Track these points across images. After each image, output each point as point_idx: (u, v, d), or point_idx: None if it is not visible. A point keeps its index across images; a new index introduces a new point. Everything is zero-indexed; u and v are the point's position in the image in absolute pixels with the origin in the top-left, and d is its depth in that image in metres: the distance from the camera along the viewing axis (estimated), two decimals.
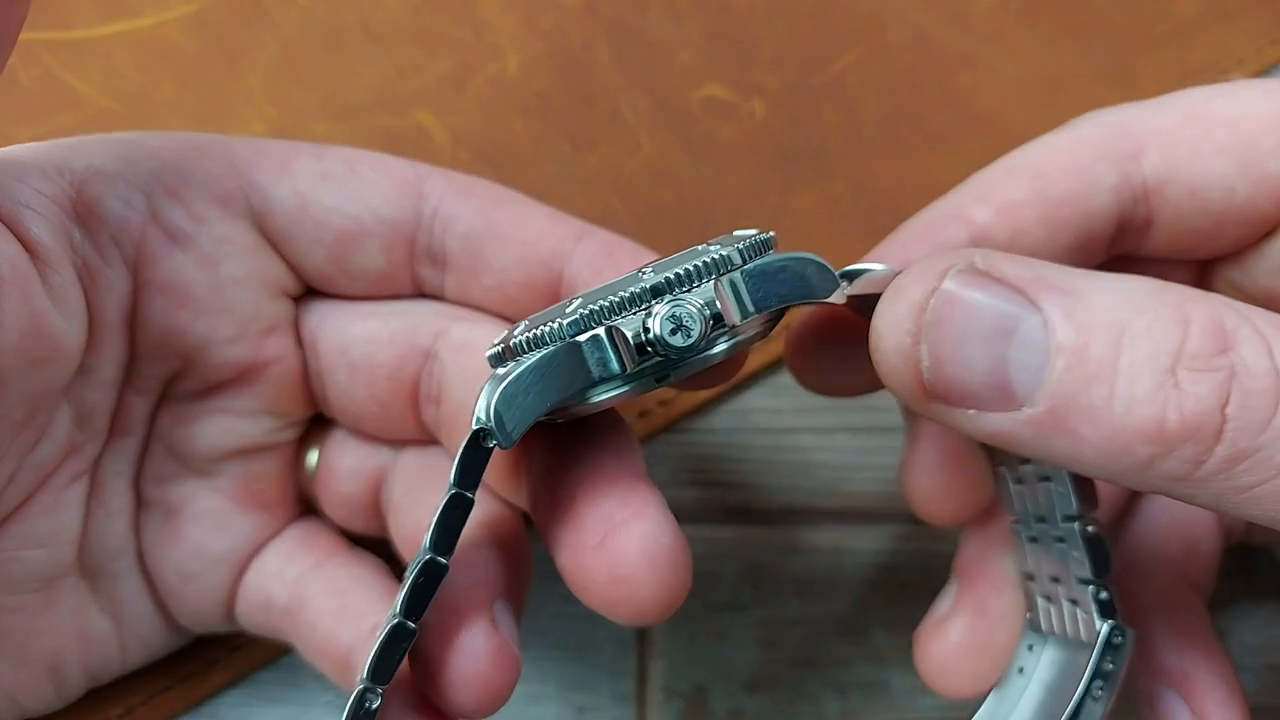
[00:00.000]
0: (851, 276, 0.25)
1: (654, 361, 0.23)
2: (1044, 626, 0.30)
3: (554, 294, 0.30)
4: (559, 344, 0.22)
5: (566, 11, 0.40)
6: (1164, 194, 0.28)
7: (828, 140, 0.39)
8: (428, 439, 0.32)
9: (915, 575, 0.37)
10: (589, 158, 0.39)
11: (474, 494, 0.24)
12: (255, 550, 0.32)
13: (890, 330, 0.23)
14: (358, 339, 0.31)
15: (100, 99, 0.38)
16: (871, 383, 0.30)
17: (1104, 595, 0.28)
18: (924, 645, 0.31)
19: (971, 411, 0.23)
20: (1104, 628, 0.27)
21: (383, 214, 0.30)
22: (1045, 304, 0.22)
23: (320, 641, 0.31)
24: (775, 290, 0.23)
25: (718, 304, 0.23)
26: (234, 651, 0.35)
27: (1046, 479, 0.29)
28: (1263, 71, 0.40)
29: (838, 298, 0.24)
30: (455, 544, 0.24)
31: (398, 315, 0.31)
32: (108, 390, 0.29)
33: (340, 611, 0.30)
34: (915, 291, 0.23)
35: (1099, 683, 0.27)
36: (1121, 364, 0.21)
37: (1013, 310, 0.22)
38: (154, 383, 0.30)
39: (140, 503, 0.31)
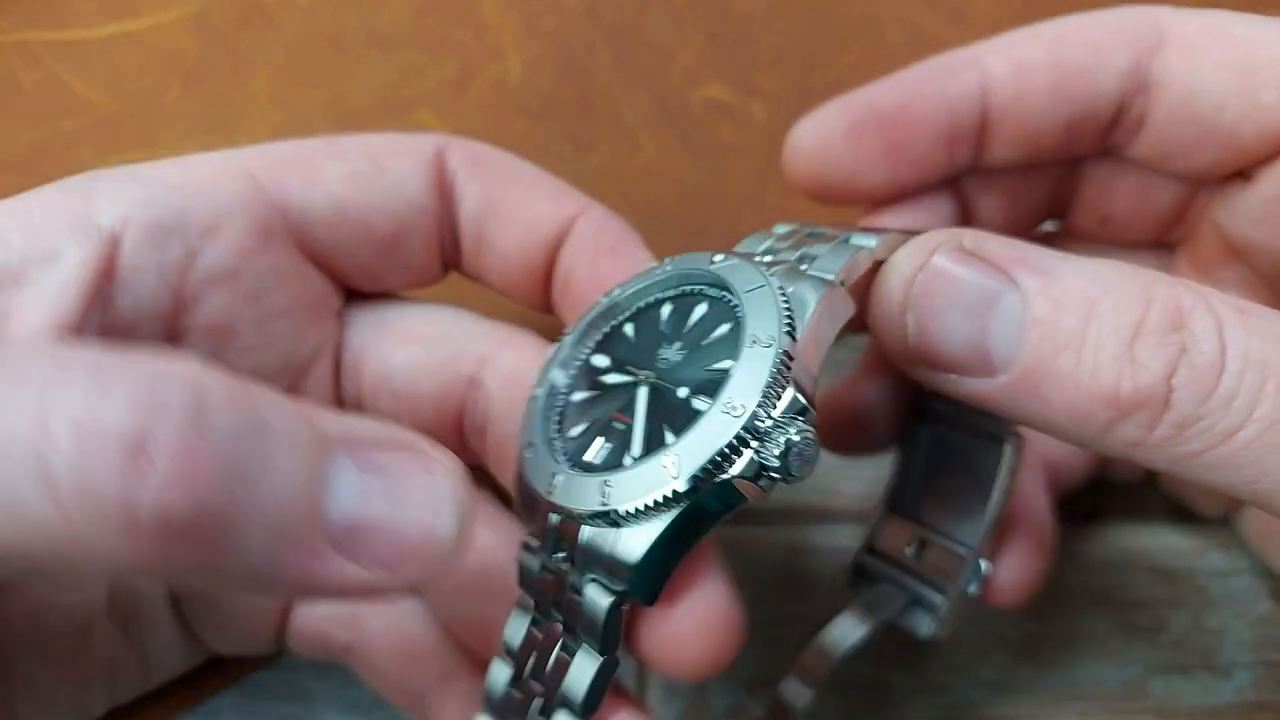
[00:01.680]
0: (874, 231, 0.27)
1: (773, 481, 0.23)
2: None
3: (549, 272, 0.30)
4: (683, 506, 0.22)
5: (567, 14, 0.40)
6: (1161, 94, 0.30)
7: None
8: (471, 462, 0.31)
9: None
10: (590, 158, 0.39)
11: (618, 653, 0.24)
12: None
13: (882, 299, 0.25)
14: (401, 366, 0.30)
15: (104, 102, 0.39)
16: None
17: None
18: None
19: (953, 376, 0.25)
20: None
21: (419, 204, 0.29)
22: (1024, 281, 0.24)
23: (389, 682, 0.31)
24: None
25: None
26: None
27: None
28: None
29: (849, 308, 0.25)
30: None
31: (440, 341, 0.30)
32: None
33: (404, 655, 0.31)
34: (906, 266, 0.25)
35: None
36: (1088, 337, 0.23)
37: (994, 286, 0.24)
38: None
39: None
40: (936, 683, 0.37)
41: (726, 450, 0.22)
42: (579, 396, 0.26)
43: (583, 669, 0.24)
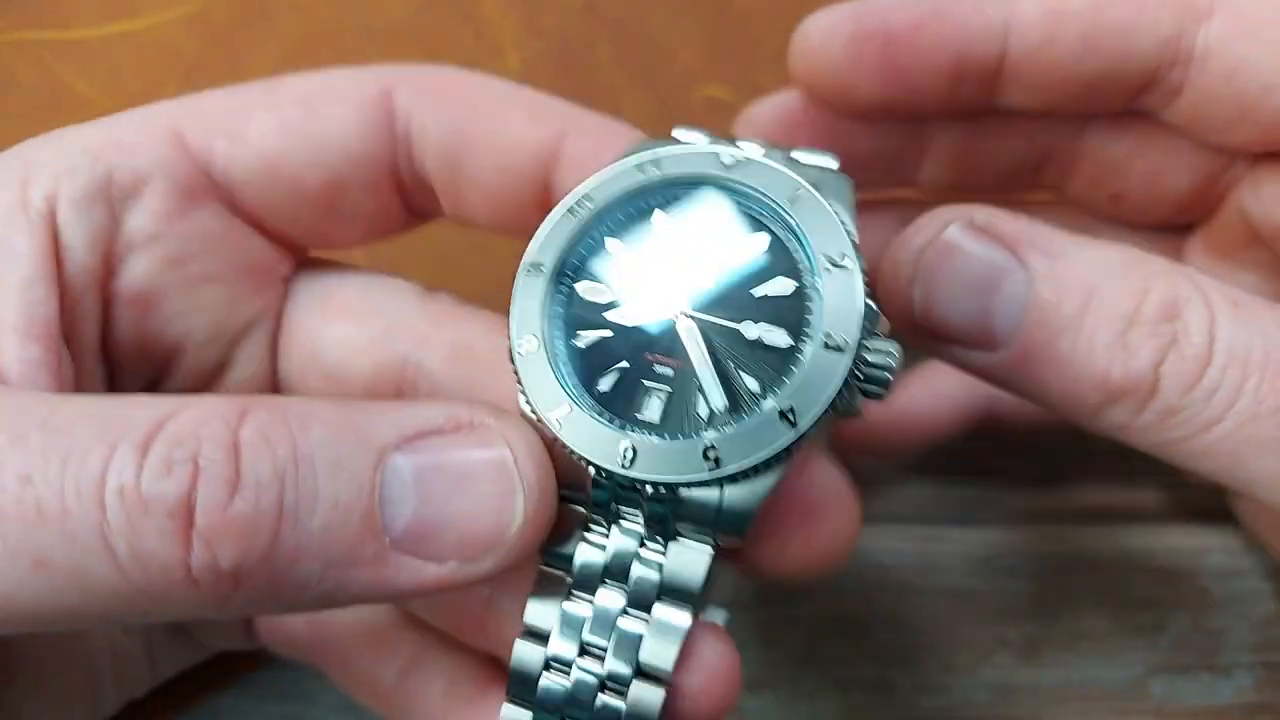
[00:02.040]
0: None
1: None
2: None
3: (544, 202, 0.27)
4: (791, 446, 0.22)
5: (567, 11, 0.40)
6: (1204, 67, 0.29)
7: None
8: None
9: (915, 575, 0.38)
10: None
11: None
12: None
13: (891, 271, 0.26)
14: (331, 343, 0.28)
15: (103, 99, 0.38)
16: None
17: None
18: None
19: (957, 348, 0.25)
20: None
21: (355, 153, 0.27)
22: (1032, 262, 0.24)
23: (358, 677, 0.30)
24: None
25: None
26: (233, 652, 0.35)
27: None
28: None
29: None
30: None
31: (373, 315, 0.28)
32: None
33: (370, 643, 0.29)
34: (917, 240, 0.25)
35: None
36: (1085, 322, 0.24)
37: (1002, 263, 0.24)
38: (136, 389, 0.28)
39: None
40: (937, 683, 0.37)
41: (841, 388, 0.22)
42: (586, 341, 0.23)
43: (674, 633, 0.23)
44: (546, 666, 0.23)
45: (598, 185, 0.23)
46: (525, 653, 0.24)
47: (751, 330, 0.23)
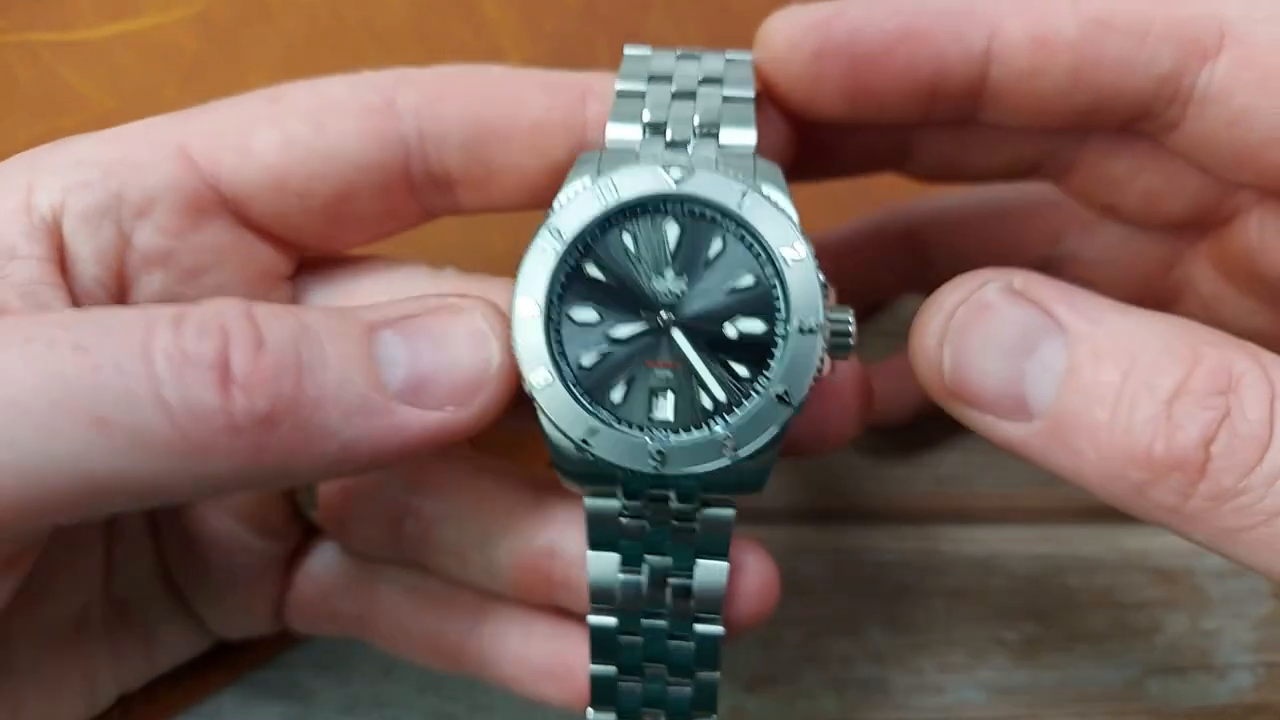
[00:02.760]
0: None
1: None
2: None
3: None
4: (785, 420, 0.25)
5: (568, 11, 0.40)
6: (1203, 110, 0.26)
7: None
8: None
9: (914, 575, 0.38)
10: None
11: None
12: (291, 561, 0.32)
13: (919, 332, 0.25)
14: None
15: (103, 100, 0.39)
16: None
17: None
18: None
19: (989, 417, 0.24)
20: None
21: (363, 162, 0.27)
22: (1070, 325, 0.23)
23: (417, 639, 0.31)
24: None
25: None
26: (233, 650, 0.35)
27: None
28: None
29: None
30: None
31: (398, 290, 0.28)
32: None
33: (436, 610, 0.30)
34: (950, 299, 0.25)
35: None
36: (1126, 390, 0.22)
37: (1038, 327, 0.23)
38: None
39: (156, 530, 0.31)
40: (935, 683, 0.37)
41: (818, 362, 0.25)
42: (588, 360, 0.25)
43: (716, 582, 0.27)
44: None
45: (564, 217, 0.25)
46: (598, 623, 0.27)
47: (731, 329, 0.25)
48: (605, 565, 0.27)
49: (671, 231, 0.26)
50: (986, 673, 0.37)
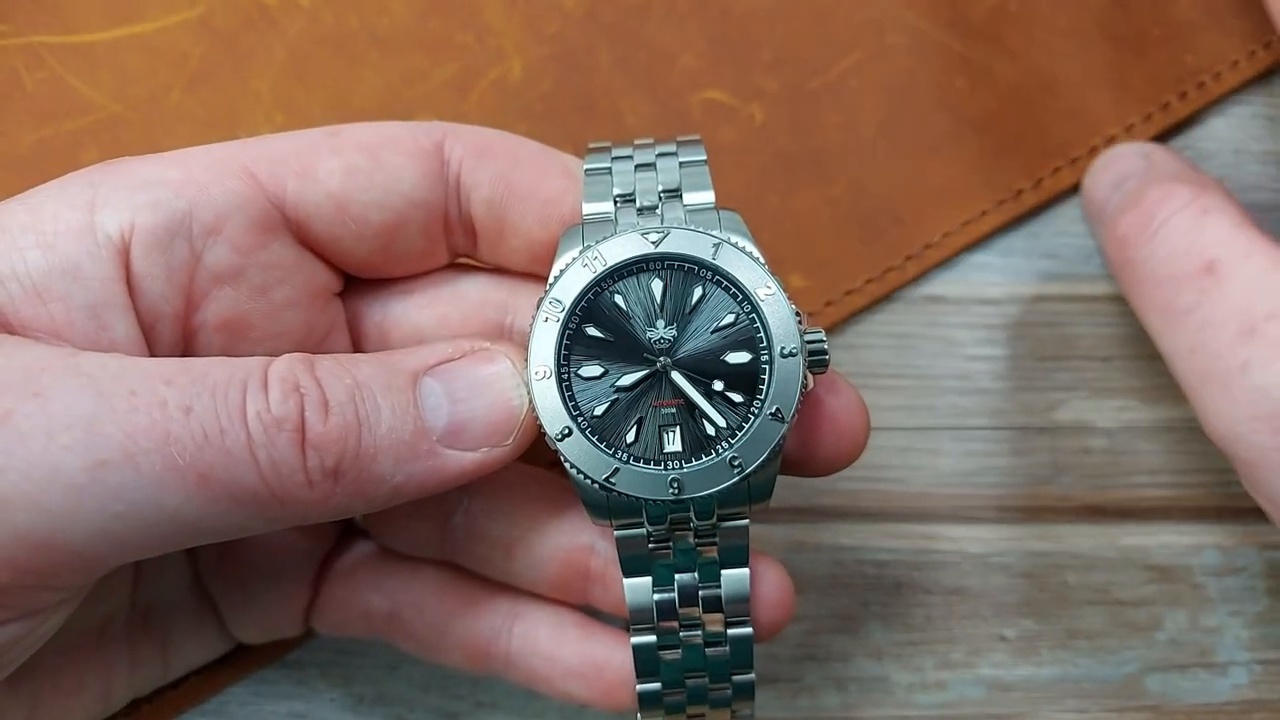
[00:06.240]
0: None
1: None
2: None
3: None
4: (781, 435, 0.28)
5: (569, 16, 0.40)
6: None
7: (827, 143, 0.40)
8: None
9: (914, 573, 0.38)
10: None
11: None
12: (325, 560, 0.33)
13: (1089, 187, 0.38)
14: (431, 325, 0.31)
15: (108, 104, 0.39)
16: None
17: None
18: None
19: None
20: None
21: (416, 197, 0.29)
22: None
23: (446, 641, 0.32)
24: None
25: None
26: (240, 648, 0.35)
27: None
28: (1256, 75, 0.40)
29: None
30: None
31: (455, 297, 0.31)
32: None
33: (467, 610, 0.32)
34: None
35: None
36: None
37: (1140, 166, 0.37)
38: None
39: None
40: (935, 680, 0.37)
41: (801, 379, 0.28)
42: (600, 409, 0.28)
43: (742, 587, 0.30)
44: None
45: (561, 289, 0.29)
46: (640, 639, 0.30)
47: (722, 363, 0.29)
48: (640, 589, 0.29)
49: (656, 287, 0.29)
50: (986, 670, 0.37)
